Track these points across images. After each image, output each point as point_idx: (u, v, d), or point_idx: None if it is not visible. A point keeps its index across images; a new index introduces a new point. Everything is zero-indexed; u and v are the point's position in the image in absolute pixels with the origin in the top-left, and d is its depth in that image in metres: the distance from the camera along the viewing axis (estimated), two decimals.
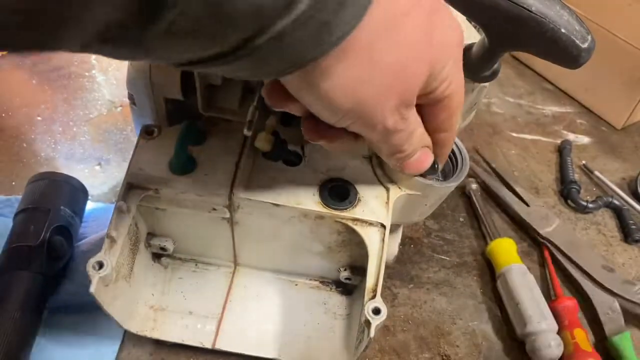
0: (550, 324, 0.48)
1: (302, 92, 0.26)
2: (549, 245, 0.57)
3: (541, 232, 0.57)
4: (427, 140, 0.33)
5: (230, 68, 0.22)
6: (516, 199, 0.60)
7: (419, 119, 0.31)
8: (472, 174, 0.64)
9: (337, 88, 0.25)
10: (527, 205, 0.60)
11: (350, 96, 0.25)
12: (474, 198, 0.61)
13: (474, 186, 0.61)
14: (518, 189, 0.61)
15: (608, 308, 0.52)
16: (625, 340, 0.49)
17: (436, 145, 0.34)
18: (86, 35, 0.18)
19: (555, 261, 0.57)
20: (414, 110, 0.30)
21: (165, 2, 0.17)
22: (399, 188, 0.39)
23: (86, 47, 0.19)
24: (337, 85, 0.24)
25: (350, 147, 0.32)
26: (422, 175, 0.37)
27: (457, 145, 0.41)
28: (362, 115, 0.27)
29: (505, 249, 0.54)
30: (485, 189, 0.63)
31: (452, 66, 0.29)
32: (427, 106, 0.31)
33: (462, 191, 0.62)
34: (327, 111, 0.27)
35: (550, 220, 0.58)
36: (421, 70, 0.27)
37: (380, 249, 0.37)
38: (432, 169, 0.36)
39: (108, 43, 0.19)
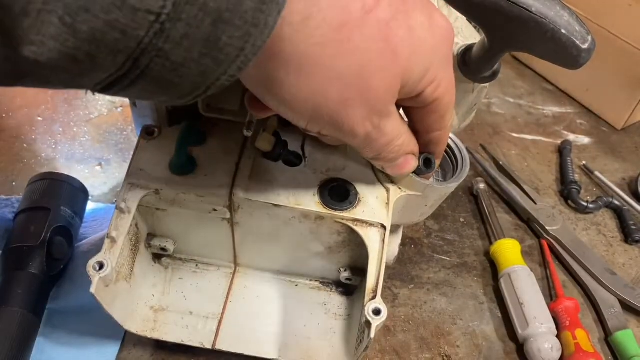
0: (551, 327, 0.48)
1: (267, 100, 0.27)
2: (554, 243, 0.57)
3: (548, 229, 0.58)
4: (411, 147, 0.33)
5: (138, 91, 0.22)
6: (524, 196, 0.61)
7: (402, 128, 0.31)
8: (478, 173, 0.64)
9: (293, 96, 0.25)
10: (535, 202, 0.60)
11: (306, 104, 0.26)
12: (481, 198, 0.61)
13: (482, 186, 0.61)
14: (524, 187, 0.62)
15: (611, 306, 0.52)
16: (628, 336, 0.50)
17: (430, 144, 0.34)
18: None
19: (559, 259, 0.57)
20: (394, 118, 0.30)
21: (23, 38, 0.18)
22: (399, 189, 0.39)
23: None
24: (291, 93, 0.25)
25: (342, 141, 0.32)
26: (420, 173, 0.37)
27: (457, 146, 0.41)
28: (327, 123, 0.27)
29: (510, 250, 0.54)
30: (492, 186, 0.63)
31: (437, 67, 0.28)
32: (415, 109, 0.31)
33: (470, 192, 0.62)
34: (292, 117, 0.27)
35: (557, 219, 0.59)
36: (388, 80, 0.27)
37: (381, 249, 0.37)
38: (430, 167, 0.36)
39: None
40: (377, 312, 0.34)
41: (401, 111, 0.32)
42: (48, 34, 0.18)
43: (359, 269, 0.44)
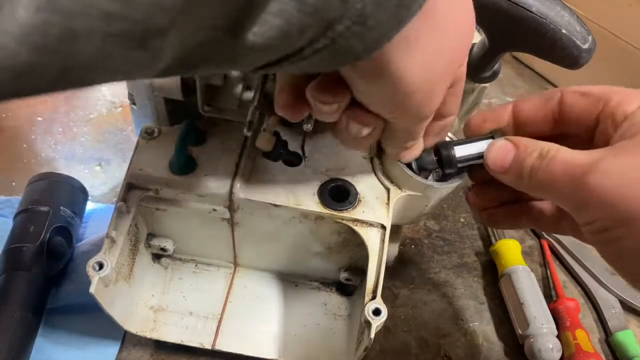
0: (551, 327, 0.48)
1: (371, 76, 0.24)
2: (554, 243, 0.57)
3: None
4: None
5: (308, 62, 0.20)
6: None
7: None
8: None
9: (413, 63, 0.23)
10: None
11: (423, 71, 0.24)
12: None
13: None
14: None
15: (611, 306, 0.52)
16: (628, 336, 0.50)
17: (438, 130, 0.33)
18: (168, 60, 0.17)
19: (559, 259, 0.57)
20: None
21: (258, 5, 0.16)
22: (400, 189, 0.39)
23: (167, 72, 0.18)
24: (414, 60, 0.23)
25: (370, 141, 0.30)
26: (423, 167, 0.37)
27: None
28: (423, 96, 0.25)
29: (511, 250, 0.54)
30: None
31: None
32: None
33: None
34: (390, 94, 0.25)
35: None
36: (469, 42, 0.26)
37: (381, 249, 0.37)
38: (432, 161, 0.35)
39: (196, 65, 0.18)
40: (377, 312, 0.34)
41: None
42: (273, 11, 0.16)
43: (359, 269, 0.44)
